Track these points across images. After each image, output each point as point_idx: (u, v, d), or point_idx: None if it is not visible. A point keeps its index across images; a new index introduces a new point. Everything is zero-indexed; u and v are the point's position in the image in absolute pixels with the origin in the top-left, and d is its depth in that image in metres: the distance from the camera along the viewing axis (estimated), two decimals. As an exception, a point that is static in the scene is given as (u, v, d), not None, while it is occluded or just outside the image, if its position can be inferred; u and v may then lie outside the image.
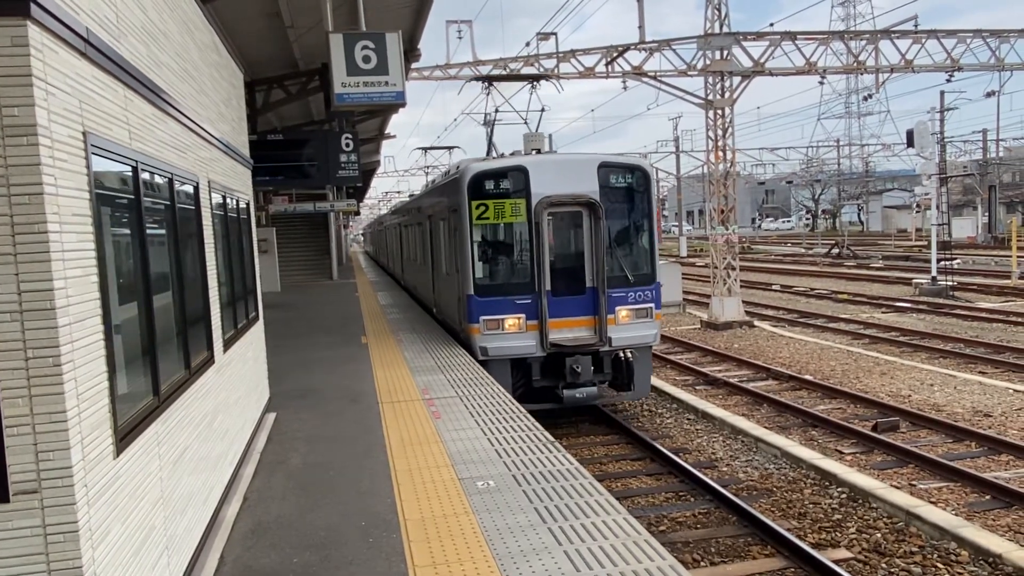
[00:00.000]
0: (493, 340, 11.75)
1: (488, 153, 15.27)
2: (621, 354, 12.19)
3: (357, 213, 54.61)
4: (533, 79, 15.55)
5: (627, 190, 12.19)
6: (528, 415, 8.50)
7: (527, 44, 25.59)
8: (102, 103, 3.87)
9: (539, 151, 13.37)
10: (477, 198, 11.77)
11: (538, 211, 11.63)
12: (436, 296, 16.59)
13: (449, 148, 38.13)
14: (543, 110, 15.67)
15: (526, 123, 15.31)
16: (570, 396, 11.60)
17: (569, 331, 11.85)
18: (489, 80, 16.06)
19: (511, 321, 11.73)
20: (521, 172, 11.79)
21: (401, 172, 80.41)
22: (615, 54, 24.06)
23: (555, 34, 25.12)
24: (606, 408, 13.02)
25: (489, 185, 11.79)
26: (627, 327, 12.02)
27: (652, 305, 12.19)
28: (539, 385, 11.88)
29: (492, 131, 16.29)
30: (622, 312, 11.97)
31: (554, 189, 11.72)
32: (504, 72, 28.82)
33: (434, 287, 16.75)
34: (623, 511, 5.64)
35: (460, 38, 28.59)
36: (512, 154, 13.29)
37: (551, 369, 11.85)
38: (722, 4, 22.94)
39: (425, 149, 41.88)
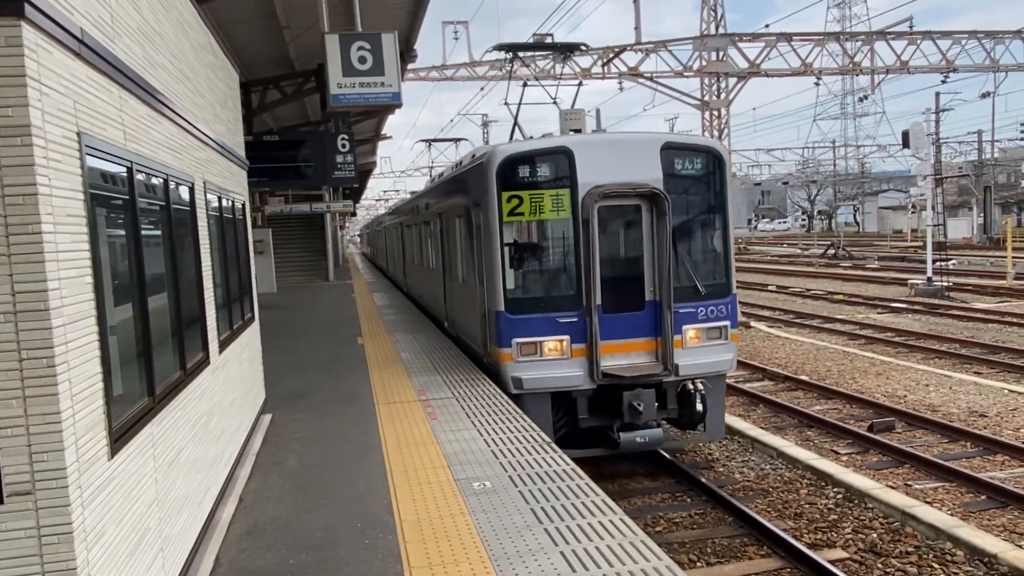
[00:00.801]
0: (529, 369, 9.42)
1: (511, 140, 12.35)
2: (690, 385, 9.65)
3: (353, 214, 54.65)
4: (565, 49, 13.31)
5: (697, 178, 9.88)
6: (523, 415, 8.49)
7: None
8: (97, 104, 3.87)
9: (579, 132, 10.96)
10: (508, 188, 9.45)
11: (586, 205, 9.33)
12: (449, 309, 14.26)
13: (456, 140, 35.61)
14: (580, 84, 13.16)
15: (555, 102, 13.26)
16: (629, 440, 9.18)
17: (624, 357, 9.54)
18: (514, 49, 13.31)
19: (552, 344, 9.41)
20: (564, 155, 9.46)
21: (398, 173, 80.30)
22: (611, 55, 24.09)
23: (551, 35, 25.14)
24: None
25: (523, 172, 9.47)
26: (697, 351, 9.69)
27: (727, 323, 9.87)
28: (587, 425, 9.52)
29: (518, 111, 13.39)
30: (690, 332, 9.66)
31: (606, 177, 9.40)
32: (502, 73, 28.84)
33: (446, 298, 14.47)
34: (619, 512, 5.64)
35: (456, 39, 28.67)
36: (544, 137, 10.88)
37: (602, 405, 9.49)
38: (718, 5, 23.00)
39: (429, 142, 38.81)
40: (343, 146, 18.71)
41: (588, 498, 5.94)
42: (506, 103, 13.72)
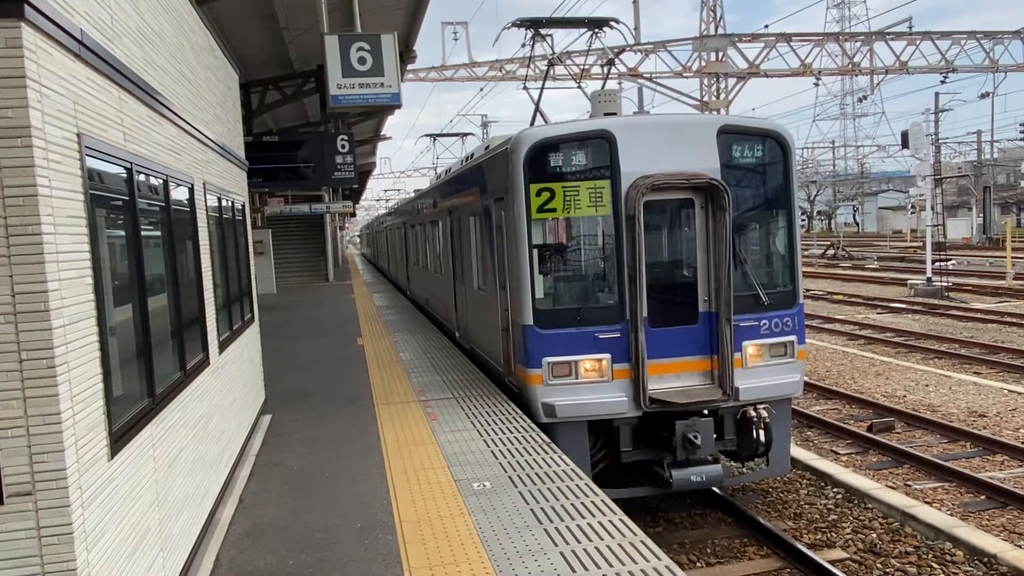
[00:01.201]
0: (563, 394, 8.07)
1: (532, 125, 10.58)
2: (751, 411, 8.26)
3: (353, 215, 54.68)
4: (594, 24, 11.70)
5: (759, 167, 8.55)
6: (523, 416, 8.47)
7: (523, 46, 25.59)
8: (96, 105, 3.87)
9: (614, 116, 9.34)
10: (539, 180, 8.15)
11: (631, 199, 8.01)
12: (462, 319, 12.83)
13: (462, 135, 32.76)
14: (611, 63, 11.86)
15: (580, 86, 12.05)
16: (682, 479, 7.87)
17: (675, 378, 8.24)
18: (535, 26, 11.80)
19: (589, 364, 8.09)
20: (604, 140, 8.16)
21: (397, 173, 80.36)
22: (611, 55, 24.11)
23: (551, 35, 25.13)
24: None
25: (556, 160, 8.16)
26: (759, 371, 8.34)
27: (793, 338, 8.50)
28: (631, 460, 8.23)
29: (540, 94, 11.90)
30: (750, 349, 8.33)
31: (654, 166, 8.12)
32: (501, 73, 28.89)
33: (458, 306, 13.12)
34: (619, 512, 5.65)
35: (456, 39, 28.69)
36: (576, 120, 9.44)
37: (649, 436, 8.23)
38: (717, 6, 23.02)
39: (434, 136, 35.61)
40: (343, 147, 18.71)
41: (588, 498, 5.94)
42: (525, 87, 12.53)
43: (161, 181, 5.09)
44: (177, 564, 4.87)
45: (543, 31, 11.72)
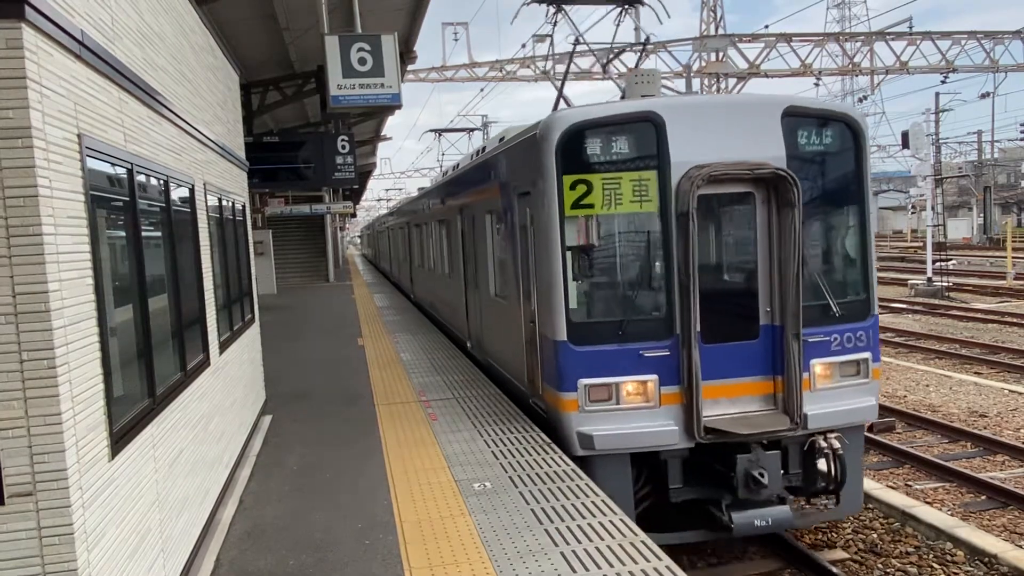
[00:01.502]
0: (602, 421, 6.99)
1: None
2: (823, 441, 7.13)
3: (353, 215, 54.69)
4: (626, 0, 10.38)
5: (829, 157, 7.44)
6: (524, 416, 8.45)
7: (523, 46, 25.58)
8: (97, 105, 3.87)
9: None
10: (573, 170, 7.05)
11: (683, 192, 6.93)
12: (476, 328, 11.72)
13: (469, 130, 30.87)
14: (647, 42, 10.26)
15: (604, 68, 10.83)
16: (745, 523, 6.76)
17: (731, 403, 7.15)
18: (558, 0, 10.44)
19: (633, 387, 7.02)
20: (651, 124, 7.05)
21: (398, 174, 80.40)
22: (611, 56, 24.12)
23: (551, 36, 25.13)
24: None
25: (594, 148, 7.06)
26: (829, 394, 7.24)
27: (868, 355, 7.40)
28: (682, 499, 7.09)
29: (565, 77, 10.65)
30: (819, 368, 7.23)
31: (708, 153, 7.03)
32: (501, 74, 28.90)
33: (470, 314, 12.08)
34: (620, 512, 5.65)
35: (456, 40, 28.70)
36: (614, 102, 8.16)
37: (703, 471, 7.13)
38: (717, 6, 23.03)
39: (439, 132, 33.32)
40: (343, 147, 18.74)
41: (588, 498, 5.94)
42: (544, 71, 11.65)
43: (161, 181, 5.09)
44: (178, 564, 4.87)
45: (566, 6, 10.36)
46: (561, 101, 10.23)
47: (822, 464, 7.12)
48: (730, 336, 7.16)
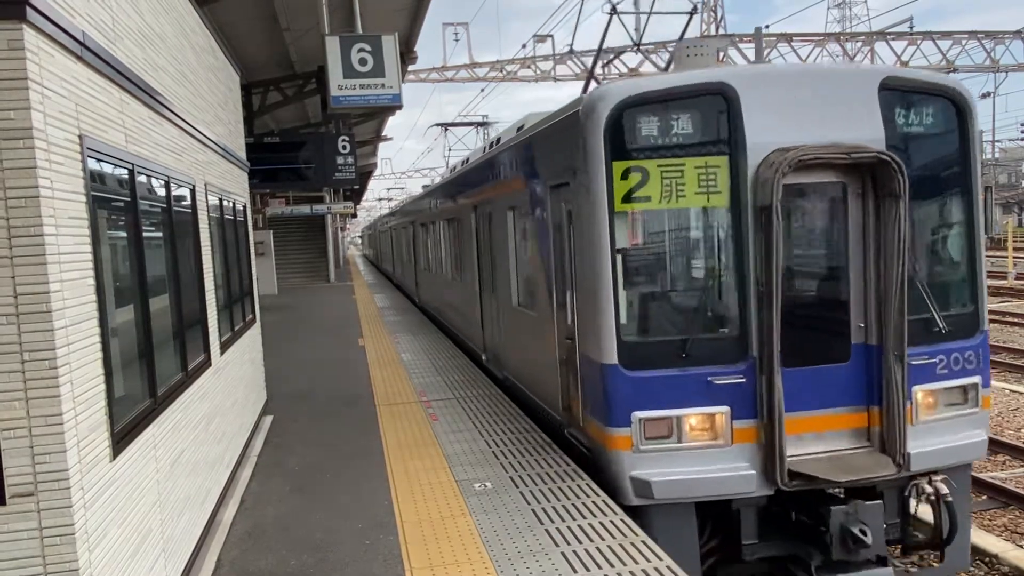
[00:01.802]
0: (661, 463, 5.79)
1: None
2: (927, 486, 6.00)
3: (354, 215, 54.72)
4: None
5: (932, 140, 6.21)
6: (523, 416, 8.44)
7: (523, 46, 25.58)
8: (98, 106, 3.88)
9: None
10: (625, 155, 5.82)
11: (763, 181, 5.69)
12: (493, 340, 10.56)
13: (478, 125, 29.01)
14: (693, 11, 8.67)
15: (638, 46, 8.97)
16: None
17: (816, 439, 5.92)
18: None
19: (698, 421, 5.81)
20: (721, 97, 5.83)
21: (398, 174, 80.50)
22: (611, 56, 24.11)
23: (551, 36, 25.17)
24: None
25: (650, 128, 5.80)
26: (933, 428, 6.06)
27: (977, 379, 6.21)
28: (757, 556, 5.91)
29: (601, 46, 9.29)
30: (921, 395, 6.02)
31: (791, 135, 5.79)
32: (501, 74, 28.90)
33: (485, 323, 10.92)
34: (620, 512, 5.65)
35: (457, 40, 28.69)
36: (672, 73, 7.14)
37: (784, 523, 5.94)
38: (718, 6, 23.02)
39: (445, 126, 30.89)
40: (344, 148, 18.76)
41: (589, 499, 5.94)
42: (571, 49, 9.23)
43: (162, 182, 5.10)
44: (179, 565, 4.88)
45: None
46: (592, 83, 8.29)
47: (926, 513, 6.12)
48: (815, 358, 5.96)
